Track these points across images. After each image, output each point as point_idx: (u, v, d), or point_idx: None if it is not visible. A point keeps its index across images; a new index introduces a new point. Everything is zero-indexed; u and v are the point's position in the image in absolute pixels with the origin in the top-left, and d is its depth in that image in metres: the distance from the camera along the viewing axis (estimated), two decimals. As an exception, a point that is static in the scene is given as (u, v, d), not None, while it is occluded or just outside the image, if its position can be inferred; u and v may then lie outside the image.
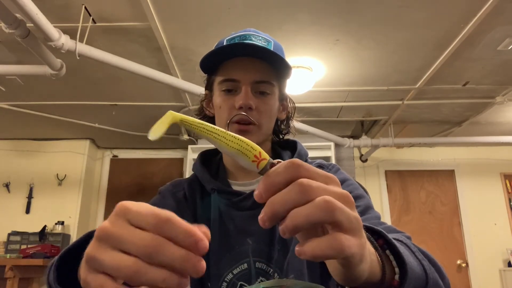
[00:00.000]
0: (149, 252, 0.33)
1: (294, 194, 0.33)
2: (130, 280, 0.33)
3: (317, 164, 0.86)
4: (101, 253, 0.34)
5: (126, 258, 0.33)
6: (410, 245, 0.51)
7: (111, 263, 0.33)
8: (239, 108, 0.77)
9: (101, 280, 0.34)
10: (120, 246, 0.34)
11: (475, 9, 2.33)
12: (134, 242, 0.33)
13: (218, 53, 0.79)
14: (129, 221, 0.34)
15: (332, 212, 0.32)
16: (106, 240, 0.34)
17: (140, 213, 0.34)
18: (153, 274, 0.33)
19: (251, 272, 0.75)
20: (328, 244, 0.32)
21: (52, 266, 0.49)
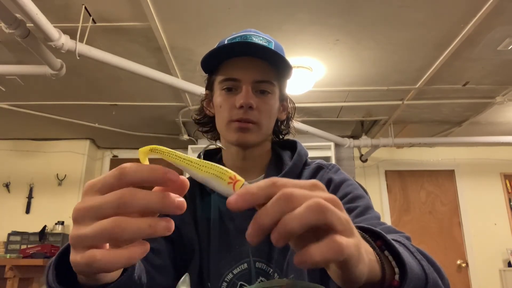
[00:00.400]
0: (122, 203, 0.33)
1: (279, 205, 0.33)
2: (116, 238, 0.33)
3: (316, 164, 0.86)
4: (81, 229, 0.34)
5: (106, 220, 0.33)
6: (409, 246, 0.51)
7: (91, 232, 0.33)
8: (240, 107, 0.77)
9: (89, 253, 0.34)
10: (96, 215, 0.34)
11: (475, 9, 2.33)
12: (104, 202, 0.34)
13: (219, 52, 0.79)
14: (96, 191, 0.36)
15: (325, 213, 0.32)
16: (81, 217, 0.35)
17: (103, 178, 0.36)
18: (137, 222, 0.33)
19: (251, 272, 0.75)
20: (327, 247, 0.32)
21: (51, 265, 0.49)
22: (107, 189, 0.35)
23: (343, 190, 0.77)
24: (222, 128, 0.83)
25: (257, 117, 0.79)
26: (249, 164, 0.85)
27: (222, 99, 0.81)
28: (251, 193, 0.34)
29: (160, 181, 0.35)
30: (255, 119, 0.78)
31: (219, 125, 0.84)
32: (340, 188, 0.78)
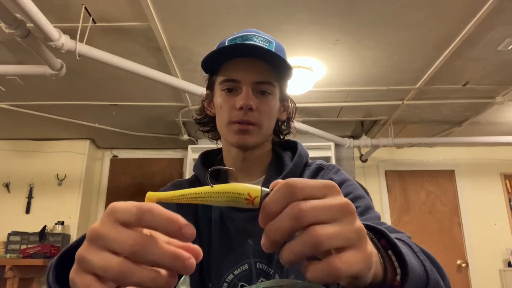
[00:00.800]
0: (135, 251, 0.33)
1: (287, 222, 0.33)
2: (117, 280, 0.33)
3: (317, 165, 0.86)
4: (90, 253, 0.34)
5: (113, 259, 0.33)
6: (412, 245, 0.51)
7: (98, 263, 0.33)
8: (240, 109, 0.77)
9: (88, 280, 0.34)
10: (108, 246, 0.34)
11: (475, 9, 2.33)
12: (120, 241, 0.33)
13: (219, 53, 0.79)
14: (117, 220, 0.35)
15: (318, 245, 0.32)
16: (95, 240, 0.35)
17: (124, 209, 0.35)
18: (141, 274, 0.33)
19: (252, 273, 0.75)
20: (323, 270, 0.33)
21: (51, 267, 0.49)
22: (125, 220, 0.35)
23: (344, 191, 0.77)
24: (222, 129, 0.83)
25: (257, 118, 0.79)
26: (250, 165, 0.85)
27: (223, 100, 0.81)
28: (269, 212, 0.35)
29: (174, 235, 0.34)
30: (255, 121, 0.78)
31: (220, 126, 0.84)
32: (341, 189, 0.78)
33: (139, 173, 4.97)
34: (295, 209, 0.33)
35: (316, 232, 0.33)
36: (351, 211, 0.35)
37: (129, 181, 4.94)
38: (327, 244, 0.33)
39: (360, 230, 0.35)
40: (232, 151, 0.84)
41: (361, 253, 0.34)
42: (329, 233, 0.33)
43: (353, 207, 0.36)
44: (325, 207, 0.34)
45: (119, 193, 4.86)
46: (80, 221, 4.49)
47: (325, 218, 0.34)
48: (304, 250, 0.33)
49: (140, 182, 4.92)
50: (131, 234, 0.33)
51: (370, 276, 0.37)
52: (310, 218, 0.33)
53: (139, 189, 4.87)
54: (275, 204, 0.35)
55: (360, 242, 0.34)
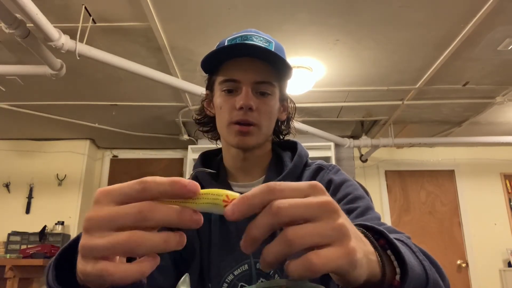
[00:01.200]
0: (142, 217, 0.33)
1: (265, 219, 0.34)
2: (130, 252, 0.33)
3: (317, 165, 0.86)
4: (95, 239, 0.34)
5: (122, 233, 0.33)
6: (411, 245, 0.51)
7: (106, 244, 0.33)
8: (240, 109, 0.77)
9: (101, 265, 0.33)
10: (111, 225, 0.34)
11: (475, 9, 2.33)
12: (124, 215, 0.33)
13: (219, 53, 0.79)
14: (113, 201, 0.35)
15: (291, 244, 0.33)
16: (95, 226, 0.34)
17: (120, 188, 0.35)
18: (153, 238, 0.33)
19: (252, 273, 0.75)
20: (299, 266, 0.33)
21: (51, 265, 0.49)
22: (125, 200, 0.34)
23: (344, 191, 0.77)
24: (222, 129, 0.83)
25: (257, 119, 0.79)
26: (250, 165, 0.85)
27: (222, 100, 0.81)
28: (247, 204, 0.34)
29: (181, 194, 0.35)
30: (255, 121, 0.78)
31: (220, 127, 0.84)
32: (341, 189, 0.78)
33: (139, 173, 4.97)
34: (274, 206, 0.33)
35: (288, 232, 0.33)
36: (332, 209, 0.35)
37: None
38: (299, 243, 0.33)
39: (340, 227, 0.34)
40: (232, 151, 0.84)
41: (340, 249, 0.34)
42: (303, 232, 0.33)
43: (335, 205, 0.35)
44: (304, 204, 0.34)
45: None
46: (80, 221, 4.49)
47: (303, 216, 0.34)
48: (280, 250, 0.33)
49: (140, 182, 4.91)
50: (131, 205, 0.34)
51: (359, 275, 0.36)
52: (287, 215, 0.33)
53: None
54: (255, 197, 0.35)
55: (340, 239, 0.34)
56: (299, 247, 0.33)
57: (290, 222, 0.33)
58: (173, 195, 0.35)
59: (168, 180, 0.34)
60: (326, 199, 0.35)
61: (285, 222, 0.33)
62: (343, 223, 0.34)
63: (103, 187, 0.36)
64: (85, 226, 0.35)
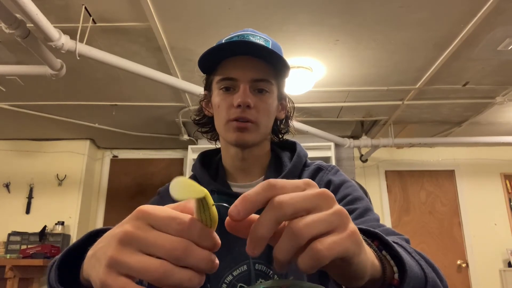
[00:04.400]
0: (177, 255, 0.34)
1: (270, 214, 0.34)
2: (157, 281, 0.34)
3: (316, 165, 0.86)
4: (126, 256, 0.34)
5: (154, 261, 0.34)
6: (407, 247, 0.51)
7: (138, 266, 0.34)
8: (238, 106, 0.77)
9: (123, 282, 0.34)
10: (146, 249, 0.34)
11: (475, 9, 2.33)
12: (162, 246, 0.34)
13: (215, 52, 0.79)
14: (151, 225, 0.36)
15: (299, 235, 0.33)
16: (130, 243, 0.35)
17: (163, 217, 0.36)
18: (180, 274, 0.34)
19: (251, 274, 0.75)
20: (307, 257, 0.33)
21: (53, 266, 0.49)
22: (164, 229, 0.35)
23: (343, 192, 0.77)
24: (220, 128, 0.83)
25: (255, 116, 0.78)
26: (249, 165, 0.85)
27: (220, 99, 0.81)
28: (250, 201, 0.35)
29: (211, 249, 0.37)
30: (253, 118, 0.78)
31: (218, 125, 0.84)
32: (340, 190, 0.78)
33: (139, 173, 4.97)
34: (276, 201, 0.34)
35: (294, 224, 0.34)
36: (329, 197, 0.36)
37: (129, 181, 4.94)
38: (307, 232, 0.33)
39: (339, 212, 0.35)
40: (231, 151, 0.84)
41: (343, 232, 0.35)
42: (307, 221, 0.34)
43: (330, 193, 0.37)
44: (303, 196, 0.35)
45: (119, 193, 4.86)
46: (80, 221, 4.49)
47: (305, 207, 0.35)
48: (289, 245, 0.33)
49: (140, 182, 4.92)
50: (173, 239, 0.35)
51: (364, 263, 0.37)
52: (290, 207, 0.34)
53: (139, 189, 4.87)
54: (256, 195, 0.35)
55: (342, 223, 0.35)
56: (306, 236, 0.33)
57: (293, 214, 0.34)
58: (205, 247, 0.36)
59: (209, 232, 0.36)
60: (322, 190, 0.37)
61: (289, 215, 0.34)
62: (341, 208, 0.36)
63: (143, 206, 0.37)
64: (119, 238, 0.35)
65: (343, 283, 0.40)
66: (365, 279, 0.39)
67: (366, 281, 0.39)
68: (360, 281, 0.38)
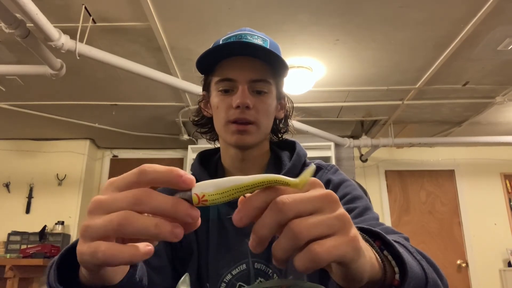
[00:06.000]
0: (136, 200, 0.34)
1: (272, 216, 0.34)
2: (121, 231, 0.34)
3: (316, 165, 0.86)
4: (92, 220, 0.35)
5: (114, 214, 0.34)
6: (408, 246, 0.51)
7: (101, 223, 0.34)
8: (236, 107, 0.77)
9: (95, 244, 0.34)
10: (109, 208, 0.35)
11: (475, 9, 2.33)
12: (120, 198, 0.35)
13: (213, 52, 0.79)
14: (117, 188, 0.36)
15: (299, 236, 0.33)
16: (96, 209, 0.36)
17: (123, 177, 0.36)
18: (143, 220, 0.33)
19: (250, 273, 0.74)
20: (304, 258, 0.33)
21: (53, 265, 0.49)
22: (125, 187, 0.36)
23: (342, 191, 0.77)
24: (220, 129, 0.82)
25: (254, 117, 0.78)
26: (248, 165, 0.85)
27: (219, 100, 0.81)
28: (251, 206, 0.35)
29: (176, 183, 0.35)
30: (252, 119, 0.78)
31: (217, 127, 0.84)
32: (339, 189, 0.78)
33: (139, 173, 4.97)
34: (278, 202, 0.34)
35: (295, 224, 0.33)
36: (333, 200, 0.36)
37: (129, 181, 4.93)
38: (306, 234, 0.33)
39: (342, 216, 0.35)
40: (230, 151, 0.84)
41: (343, 237, 0.34)
42: (308, 223, 0.33)
43: (335, 196, 0.36)
44: (306, 197, 0.35)
45: None
46: (80, 221, 4.49)
47: (307, 209, 0.34)
48: (288, 244, 0.33)
49: (140, 182, 4.91)
50: (129, 191, 0.35)
51: (363, 267, 0.37)
52: (292, 209, 0.34)
53: None
54: (257, 198, 0.35)
55: (343, 228, 0.35)
56: (305, 238, 0.33)
57: (295, 216, 0.34)
58: (169, 184, 0.35)
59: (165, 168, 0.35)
60: (327, 192, 0.36)
61: (291, 217, 0.34)
62: (344, 213, 0.35)
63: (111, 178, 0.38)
64: (88, 209, 0.36)
65: (343, 284, 0.39)
66: (364, 281, 0.38)
67: (365, 282, 0.39)
68: (359, 283, 0.38)
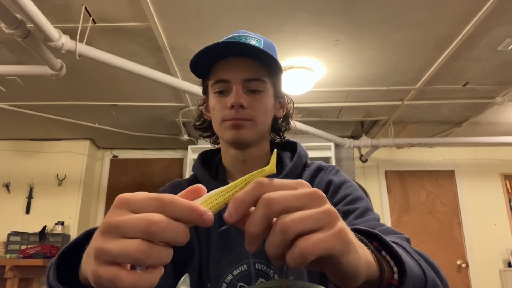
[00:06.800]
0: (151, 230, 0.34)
1: (260, 211, 0.35)
2: (138, 262, 0.34)
3: (316, 165, 0.86)
4: (108, 243, 0.35)
5: (131, 242, 0.34)
6: (406, 247, 0.51)
7: (117, 250, 0.34)
8: (231, 107, 0.78)
9: (113, 270, 0.34)
10: (123, 233, 0.35)
11: (475, 9, 2.33)
12: (134, 224, 0.34)
13: (205, 54, 0.79)
14: (131, 211, 0.36)
15: (286, 231, 0.34)
16: (109, 231, 0.35)
17: (140, 199, 0.36)
18: (160, 251, 0.34)
19: (251, 273, 0.75)
20: (292, 254, 0.34)
21: (52, 265, 0.49)
22: (142, 211, 0.35)
23: (343, 192, 0.77)
24: (217, 128, 0.83)
25: (250, 114, 0.79)
26: (249, 166, 0.85)
27: (215, 102, 0.81)
28: (240, 202, 0.36)
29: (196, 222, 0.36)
30: (248, 117, 0.79)
31: (215, 127, 0.84)
32: (340, 190, 0.78)
33: (139, 173, 4.97)
34: (265, 198, 0.35)
35: (281, 220, 0.34)
36: (320, 197, 0.37)
37: (129, 181, 4.93)
38: (293, 228, 0.34)
39: (328, 211, 0.36)
40: (231, 152, 0.84)
41: (330, 230, 0.35)
42: (295, 217, 0.34)
43: (321, 193, 0.37)
44: (292, 194, 0.36)
45: (119, 193, 4.63)
46: (80, 221, 4.49)
47: (294, 205, 0.35)
48: (276, 240, 0.34)
49: (140, 182, 4.92)
50: (144, 215, 0.34)
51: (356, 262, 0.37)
52: (279, 204, 0.35)
53: (139, 189, 4.67)
54: (246, 194, 0.36)
55: (330, 222, 0.35)
56: (293, 232, 0.34)
57: (282, 211, 0.35)
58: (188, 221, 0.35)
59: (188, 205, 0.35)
60: (313, 190, 0.37)
61: (278, 212, 0.35)
62: (330, 208, 0.36)
63: (123, 194, 0.37)
64: (101, 229, 0.36)
65: (339, 283, 0.39)
66: (360, 279, 0.38)
67: (363, 281, 0.39)
68: (355, 281, 0.38)
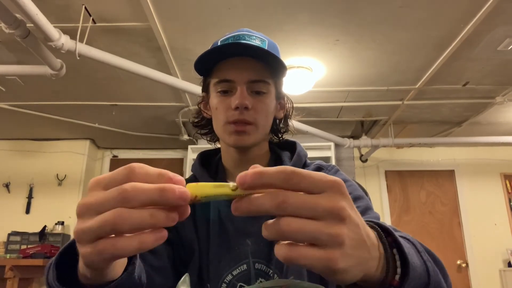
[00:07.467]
0: (124, 197, 0.33)
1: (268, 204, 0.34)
2: (118, 229, 0.33)
3: (316, 165, 0.86)
4: (85, 223, 0.35)
5: (106, 213, 0.34)
6: (417, 245, 0.50)
7: (94, 224, 0.34)
8: (235, 108, 0.77)
9: (100, 243, 0.34)
10: (99, 210, 0.34)
11: (475, 9, 2.33)
12: (107, 197, 0.34)
13: (211, 54, 0.79)
14: (102, 189, 0.36)
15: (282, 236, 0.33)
16: (85, 212, 0.35)
17: (110, 175, 0.36)
18: (138, 213, 0.33)
19: (251, 273, 0.74)
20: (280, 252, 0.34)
21: (51, 265, 0.49)
22: (113, 186, 0.35)
23: (343, 191, 0.77)
24: (219, 130, 0.83)
25: (253, 117, 0.78)
26: (249, 166, 0.84)
27: (218, 101, 0.81)
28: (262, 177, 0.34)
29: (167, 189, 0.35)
30: (251, 119, 0.78)
31: (217, 128, 0.84)
32: None
33: (139, 173, 4.97)
34: (280, 197, 0.33)
35: (283, 222, 0.33)
36: (340, 216, 0.34)
37: (129, 181, 4.93)
38: (289, 236, 0.33)
39: (337, 236, 0.34)
40: (231, 152, 0.84)
41: (322, 254, 0.33)
42: (296, 226, 0.33)
43: (345, 212, 0.34)
44: (311, 205, 0.34)
45: None
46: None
47: (306, 215, 0.33)
48: (272, 234, 0.34)
49: (140, 182, 4.91)
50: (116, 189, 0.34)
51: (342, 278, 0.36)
52: (290, 211, 0.33)
53: None
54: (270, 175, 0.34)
55: (330, 246, 0.34)
56: (288, 239, 0.33)
57: (291, 214, 0.33)
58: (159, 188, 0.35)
59: (156, 171, 0.35)
60: (339, 205, 0.34)
61: (286, 214, 0.33)
62: (342, 233, 0.34)
63: (96, 176, 0.37)
64: (77, 212, 0.36)
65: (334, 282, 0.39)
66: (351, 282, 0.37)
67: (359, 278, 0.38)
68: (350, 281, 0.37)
